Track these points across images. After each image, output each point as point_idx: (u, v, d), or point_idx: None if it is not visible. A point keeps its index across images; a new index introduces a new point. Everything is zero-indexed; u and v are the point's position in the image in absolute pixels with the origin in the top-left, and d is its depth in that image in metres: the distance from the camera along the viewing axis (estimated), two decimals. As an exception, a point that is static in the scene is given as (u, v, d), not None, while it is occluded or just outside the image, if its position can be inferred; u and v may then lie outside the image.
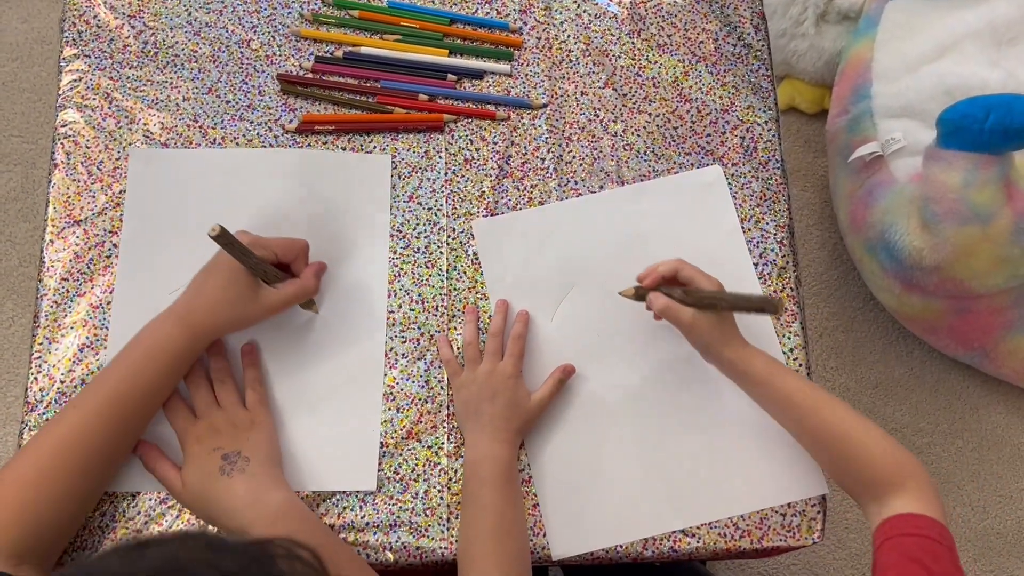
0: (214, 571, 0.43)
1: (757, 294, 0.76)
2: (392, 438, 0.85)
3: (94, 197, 0.91)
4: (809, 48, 1.67)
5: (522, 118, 0.96)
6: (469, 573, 0.76)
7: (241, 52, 0.97)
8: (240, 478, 0.76)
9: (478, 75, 0.98)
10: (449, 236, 0.92)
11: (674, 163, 0.95)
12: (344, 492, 0.83)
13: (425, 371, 0.87)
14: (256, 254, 0.79)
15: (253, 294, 0.80)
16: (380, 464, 0.84)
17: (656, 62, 0.99)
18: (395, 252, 0.91)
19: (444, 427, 0.86)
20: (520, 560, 0.77)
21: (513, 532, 0.77)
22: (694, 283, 0.82)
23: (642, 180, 0.94)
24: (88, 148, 0.92)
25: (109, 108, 0.94)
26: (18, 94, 1.71)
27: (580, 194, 0.94)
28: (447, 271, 0.91)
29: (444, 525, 0.82)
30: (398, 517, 0.83)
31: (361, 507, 0.83)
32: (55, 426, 0.74)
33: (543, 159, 0.95)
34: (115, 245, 0.89)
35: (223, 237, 0.75)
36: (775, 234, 0.93)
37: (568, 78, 0.98)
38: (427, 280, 0.90)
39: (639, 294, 0.86)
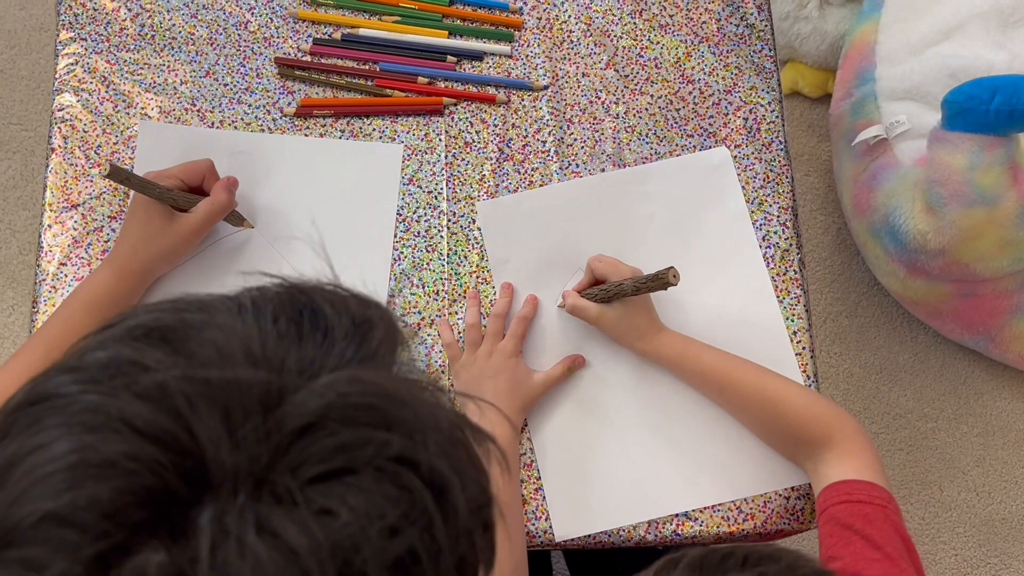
0: None
1: (652, 272, 0.76)
2: (393, 422, 0.84)
3: (92, 181, 0.90)
4: (812, 31, 1.66)
5: (523, 100, 0.95)
6: None
7: (239, 34, 0.96)
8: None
9: (478, 56, 0.96)
10: (450, 220, 0.91)
11: (676, 145, 0.94)
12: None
13: (425, 355, 0.87)
14: (161, 184, 0.79)
15: (168, 224, 0.80)
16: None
17: (658, 42, 0.98)
18: (395, 236, 0.90)
19: (445, 411, 0.85)
20: (516, 540, 0.76)
21: (510, 512, 0.77)
22: (607, 278, 0.83)
23: (644, 162, 0.93)
24: (85, 132, 0.92)
25: (106, 91, 0.93)
26: (16, 81, 1.70)
27: (581, 177, 0.93)
28: (448, 255, 0.90)
29: (446, 509, 0.82)
30: (399, 501, 0.82)
31: (362, 491, 0.82)
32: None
33: (544, 142, 0.94)
34: (114, 230, 0.89)
35: (117, 174, 0.76)
36: (778, 216, 0.92)
37: (569, 59, 0.97)
38: (427, 264, 0.90)
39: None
